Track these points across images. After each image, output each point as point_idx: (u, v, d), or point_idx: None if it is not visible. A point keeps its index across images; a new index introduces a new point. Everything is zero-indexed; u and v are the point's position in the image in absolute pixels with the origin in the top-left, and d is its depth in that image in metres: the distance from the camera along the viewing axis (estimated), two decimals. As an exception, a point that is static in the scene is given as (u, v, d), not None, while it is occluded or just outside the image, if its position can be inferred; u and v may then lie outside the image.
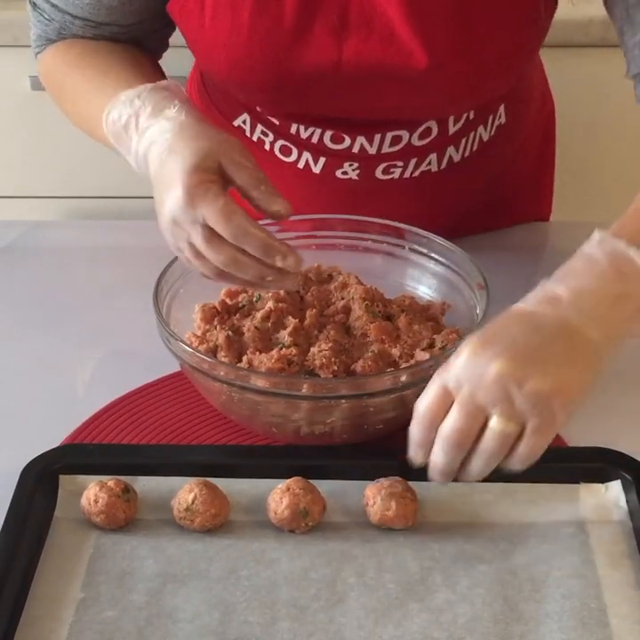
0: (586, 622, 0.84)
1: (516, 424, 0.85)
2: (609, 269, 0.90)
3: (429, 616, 0.84)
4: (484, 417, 0.85)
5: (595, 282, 0.89)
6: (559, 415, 0.85)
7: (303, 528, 0.91)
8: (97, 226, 1.46)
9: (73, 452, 0.98)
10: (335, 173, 1.22)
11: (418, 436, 0.88)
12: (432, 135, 1.20)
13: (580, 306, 0.88)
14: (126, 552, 0.90)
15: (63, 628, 0.83)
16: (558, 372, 0.85)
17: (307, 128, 1.19)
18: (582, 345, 0.87)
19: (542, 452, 0.86)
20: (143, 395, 1.07)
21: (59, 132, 1.94)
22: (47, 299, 1.24)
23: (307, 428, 0.98)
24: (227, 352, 1.01)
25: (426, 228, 1.11)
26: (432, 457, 0.88)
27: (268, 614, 0.85)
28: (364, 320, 1.04)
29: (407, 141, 1.19)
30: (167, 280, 1.05)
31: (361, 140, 1.18)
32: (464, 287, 1.07)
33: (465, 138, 1.22)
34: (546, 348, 0.86)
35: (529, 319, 0.88)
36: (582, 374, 0.87)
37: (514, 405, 0.84)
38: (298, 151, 1.22)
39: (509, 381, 0.84)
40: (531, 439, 0.85)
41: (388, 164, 1.21)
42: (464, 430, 0.85)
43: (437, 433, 0.87)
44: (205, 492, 0.90)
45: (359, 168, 1.21)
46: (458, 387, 0.85)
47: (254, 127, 1.23)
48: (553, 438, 0.87)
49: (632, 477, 0.93)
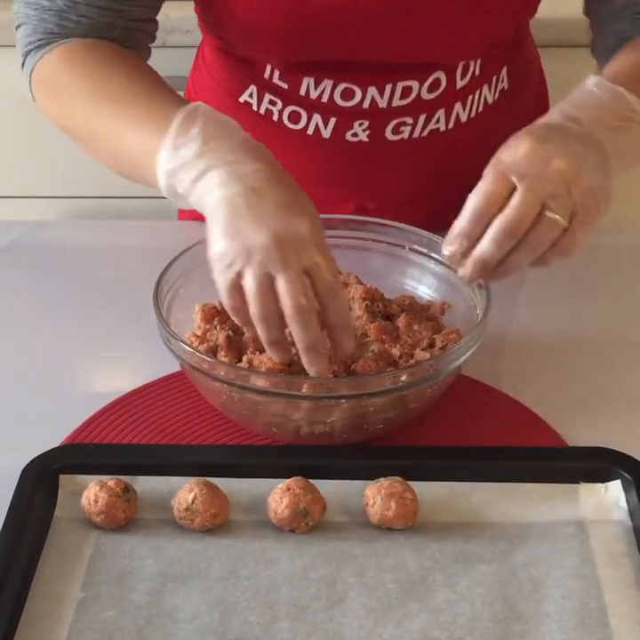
0: (586, 622, 0.84)
1: (568, 217, 0.92)
2: (612, 106, 1.00)
3: (429, 616, 0.84)
4: (540, 208, 0.92)
5: (601, 113, 1.00)
6: (601, 215, 0.95)
7: (303, 528, 0.91)
8: (97, 226, 1.46)
9: (73, 452, 0.98)
10: (345, 136, 1.24)
11: (469, 225, 0.93)
12: (441, 88, 1.22)
13: (598, 128, 0.98)
14: (126, 552, 0.90)
15: (63, 627, 0.83)
16: (604, 179, 0.95)
17: (317, 85, 1.20)
18: (608, 159, 0.97)
19: (579, 249, 0.95)
20: (143, 395, 1.07)
21: (58, 131, 1.94)
22: (47, 299, 1.24)
23: (307, 428, 0.98)
24: (227, 352, 1.01)
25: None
26: (479, 248, 0.93)
27: (267, 614, 0.85)
28: (363, 320, 1.04)
29: (417, 94, 1.21)
30: (167, 280, 1.05)
31: (372, 91, 1.20)
32: (464, 287, 1.07)
33: (471, 95, 1.25)
34: (589, 155, 0.95)
35: (562, 129, 0.96)
36: (611, 185, 0.97)
37: (569, 199, 0.92)
38: (307, 115, 1.23)
39: (569, 177, 0.92)
40: (576, 233, 0.93)
41: (397, 121, 1.22)
42: (521, 219, 0.91)
43: (493, 222, 0.92)
44: (205, 492, 0.90)
45: (369, 128, 1.23)
46: (520, 178, 0.92)
47: (261, 99, 1.25)
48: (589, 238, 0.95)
49: (632, 477, 0.93)
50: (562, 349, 1.15)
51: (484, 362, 1.06)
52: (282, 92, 1.23)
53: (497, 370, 1.11)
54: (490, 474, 0.95)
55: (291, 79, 1.22)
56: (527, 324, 1.19)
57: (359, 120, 1.23)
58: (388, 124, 1.23)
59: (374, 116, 1.22)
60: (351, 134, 1.24)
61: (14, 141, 1.95)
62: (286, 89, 1.23)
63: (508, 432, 1.03)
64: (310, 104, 1.23)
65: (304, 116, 1.24)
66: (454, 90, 1.23)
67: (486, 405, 1.06)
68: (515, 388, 1.08)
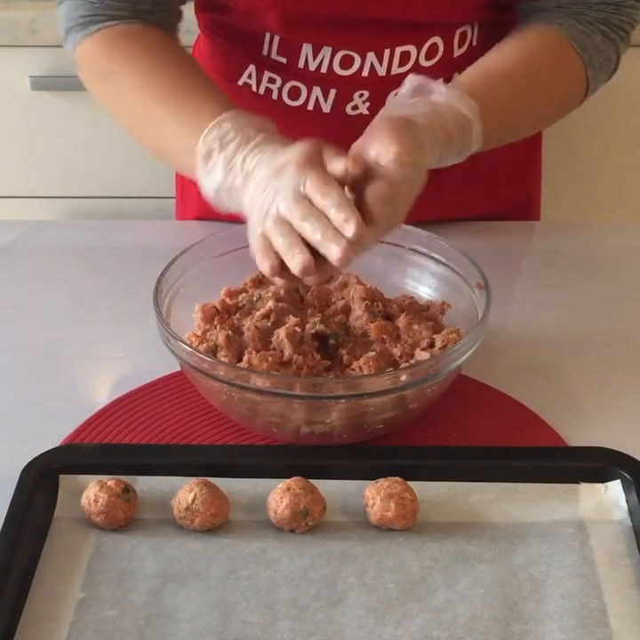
0: (585, 622, 0.84)
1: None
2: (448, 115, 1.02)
3: (429, 616, 0.84)
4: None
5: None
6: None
7: (303, 528, 0.91)
8: (97, 226, 1.46)
9: (73, 452, 0.98)
10: (345, 110, 1.25)
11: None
12: (438, 54, 1.23)
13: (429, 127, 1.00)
14: (126, 552, 0.90)
15: (63, 627, 0.83)
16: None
17: (316, 55, 1.21)
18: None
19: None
20: (143, 395, 1.07)
21: (59, 132, 1.95)
22: (47, 299, 1.24)
23: (307, 428, 0.98)
24: (227, 352, 1.01)
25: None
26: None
27: (267, 614, 0.85)
28: (364, 320, 1.04)
29: (415, 61, 1.22)
30: (167, 280, 1.05)
31: (371, 57, 1.21)
32: (464, 287, 1.07)
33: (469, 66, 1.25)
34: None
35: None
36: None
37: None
38: (307, 89, 1.25)
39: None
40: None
41: (397, 90, 1.22)
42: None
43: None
44: (205, 492, 0.90)
45: (369, 100, 1.24)
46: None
47: (260, 78, 1.26)
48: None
49: (632, 477, 0.93)
50: (562, 349, 1.15)
51: (484, 362, 1.06)
52: (281, 68, 1.24)
53: (497, 370, 1.11)
54: (490, 474, 0.95)
55: (289, 50, 1.22)
56: (527, 324, 1.19)
57: (359, 90, 1.24)
58: (388, 95, 1.22)
59: (374, 85, 1.23)
60: (351, 107, 1.25)
61: (14, 141, 1.95)
62: (285, 64, 1.23)
63: (508, 432, 1.03)
64: (309, 77, 1.24)
65: (304, 91, 1.25)
66: (452, 58, 1.24)
67: (486, 405, 1.06)
68: (515, 388, 1.08)
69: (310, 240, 0.91)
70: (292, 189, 0.92)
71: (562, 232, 1.39)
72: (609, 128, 1.91)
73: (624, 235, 1.38)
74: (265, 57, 1.24)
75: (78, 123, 1.90)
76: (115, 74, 1.15)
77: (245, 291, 1.09)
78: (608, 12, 1.18)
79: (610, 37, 1.19)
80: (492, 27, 1.26)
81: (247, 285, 1.09)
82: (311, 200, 0.91)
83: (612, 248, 1.34)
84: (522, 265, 1.34)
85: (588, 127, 1.88)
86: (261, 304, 1.06)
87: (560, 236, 1.38)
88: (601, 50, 1.18)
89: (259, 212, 0.94)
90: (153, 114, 1.11)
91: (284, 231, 0.92)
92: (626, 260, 1.32)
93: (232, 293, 1.09)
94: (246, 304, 1.07)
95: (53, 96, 1.88)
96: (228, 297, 1.08)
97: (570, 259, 1.31)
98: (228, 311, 1.07)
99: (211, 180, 1.01)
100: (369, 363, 0.99)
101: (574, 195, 1.94)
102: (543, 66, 1.16)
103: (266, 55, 1.24)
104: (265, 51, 1.24)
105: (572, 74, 1.18)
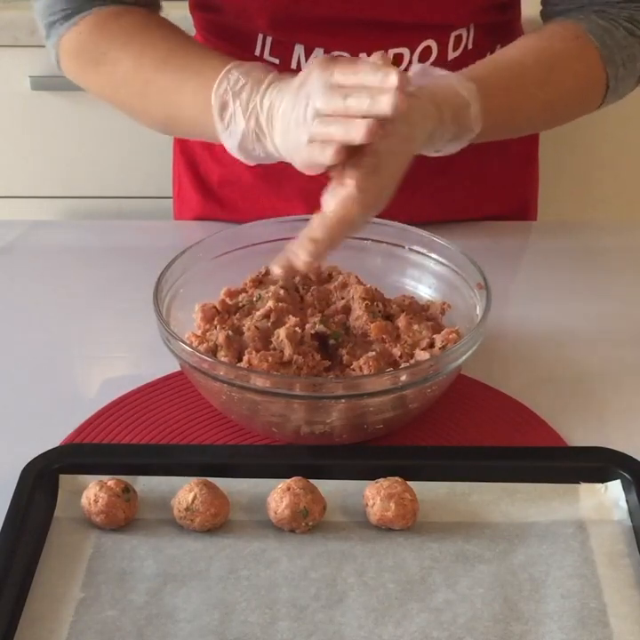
0: (586, 622, 0.84)
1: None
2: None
3: (429, 616, 0.84)
4: None
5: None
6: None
7: (303, 528, 0.91)
8: (97, 226, 1.47)
9: (73, 452, 0.98)
10: None
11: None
12: (432, 57, 1.22)
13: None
14: (126, 552, 0.90)
15: (63, 627, 0.83)
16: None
17: (308, 55, 1.21)
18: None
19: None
20: (143, 395, 1.07)
21: (58, 132, 1.95)
22: (47, 299, 1.24)
23: (307, 428, 0.98)
24: (226, 352, 1.01)
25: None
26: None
27: (267, 614, 0.85)
28: (364, 320, 1.04)
29: (408, 62, 1.21)
30: (167, 280, 1.05)
31: (363, 57, 1.18)
32: (464, 287, 1.07)
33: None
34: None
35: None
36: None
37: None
38: None
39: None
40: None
41: None
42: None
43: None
44: (205, 492, 0.90)
45: None
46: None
47: None
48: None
49: (632, 477, 0.93)
50: (562, 349, 1.15)
51: (483, 362, 1.06)
52: (274, 68, 1.23)
53: (497, 370, 1.11)
54: (490, 474, 0.95)
55: (282, 51, 1.22)
56: (527, 324, 1.19)
57: None
58: None
59: None
60: None
61: (14, 141, 1.96)
62: (277, 64, 1.22)
63: (508, 432, 1.03)
64: None
65: None
66: (446, 61, 1.22)
67: (486, 405, 1.06)
68: (515, 388, 1.08)
69: (360, 111, 0.90)
70: (321, 86, 0.92)
71: (561, 232, 1.39)
72: (607, 128, 1.91)
73: (623, 235, 1.39)
74: (258, 57, 1.23)
75: (78, 123, 1.90)
76: (107, 53, 1.14)
77: (245, 291, 1.09)
78: (632, 10, 1.14)
79: (635, 35, 1.14)
80: (489, 30, 1.25)
81: (247, 285, 1.09)
82: (344, 84, 0.91)
83: (611, 248, 1.34)
84: (522, 265, 1.34)
85: (585, 127, 1.87)
86: (261, 304, 1.06)
87: (560, 236, 1.38)
88: (623, 46, 1.13)
89: (295, 127, 0.94)
90: (155, 83, 1.10)
91: (331, 120, 0.91)
92: (626, 260, 1.33)
93: (232, 293, 1.09)
94: (246, 304, 1.07)
95: (53, 96, 1.88)
96: (228, 297, 1.08)
97: (569, 259, 1.31)
98: (228, 311, 1.07)
99: (232, 131, 1.01)
100: (369, 363, 0.99)
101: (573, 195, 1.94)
102: (555, 55, 1.12)
103: (259, 56, 1.24)
104: (258, 51, 1.24)
105: (587, 67, 1.13)
